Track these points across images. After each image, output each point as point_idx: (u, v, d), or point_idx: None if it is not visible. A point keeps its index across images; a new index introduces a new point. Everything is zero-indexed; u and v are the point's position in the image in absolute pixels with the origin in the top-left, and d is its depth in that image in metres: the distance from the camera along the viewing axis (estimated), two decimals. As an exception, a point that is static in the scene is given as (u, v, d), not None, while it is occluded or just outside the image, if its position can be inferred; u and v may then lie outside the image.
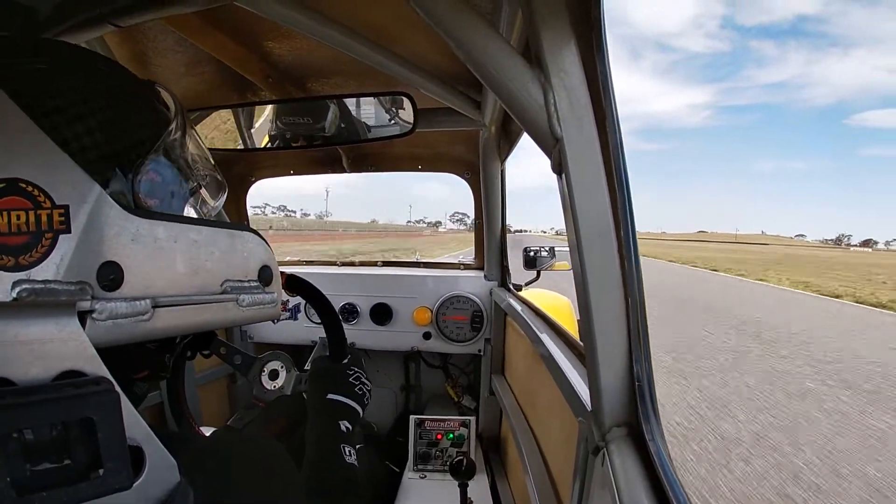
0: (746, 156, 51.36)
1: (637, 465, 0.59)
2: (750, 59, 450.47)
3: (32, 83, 0.41)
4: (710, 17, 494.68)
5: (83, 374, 0.36)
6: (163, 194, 0.49)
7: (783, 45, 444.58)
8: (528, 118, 0.63)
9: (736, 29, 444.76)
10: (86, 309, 0.39)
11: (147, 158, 0.47)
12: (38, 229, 0.37)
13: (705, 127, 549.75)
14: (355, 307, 2.16)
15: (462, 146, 2.02)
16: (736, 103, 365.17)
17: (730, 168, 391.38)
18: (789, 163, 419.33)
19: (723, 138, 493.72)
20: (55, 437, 0.34)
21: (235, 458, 0.53)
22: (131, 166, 0.45)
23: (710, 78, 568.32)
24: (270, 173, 2.25)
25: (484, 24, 0.62)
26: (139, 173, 0.46)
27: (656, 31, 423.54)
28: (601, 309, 0.64)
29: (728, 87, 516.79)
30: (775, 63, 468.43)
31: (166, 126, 0.50)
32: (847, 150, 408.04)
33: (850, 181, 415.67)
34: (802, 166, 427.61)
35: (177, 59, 1.28)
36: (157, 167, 0.48)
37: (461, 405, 2.27)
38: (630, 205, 0.63)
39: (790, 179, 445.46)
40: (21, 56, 0.43)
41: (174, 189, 0.51)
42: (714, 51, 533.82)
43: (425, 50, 1.16)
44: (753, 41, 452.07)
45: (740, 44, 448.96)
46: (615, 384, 0.65)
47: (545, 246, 2.29)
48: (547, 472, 1.20)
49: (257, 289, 0.54)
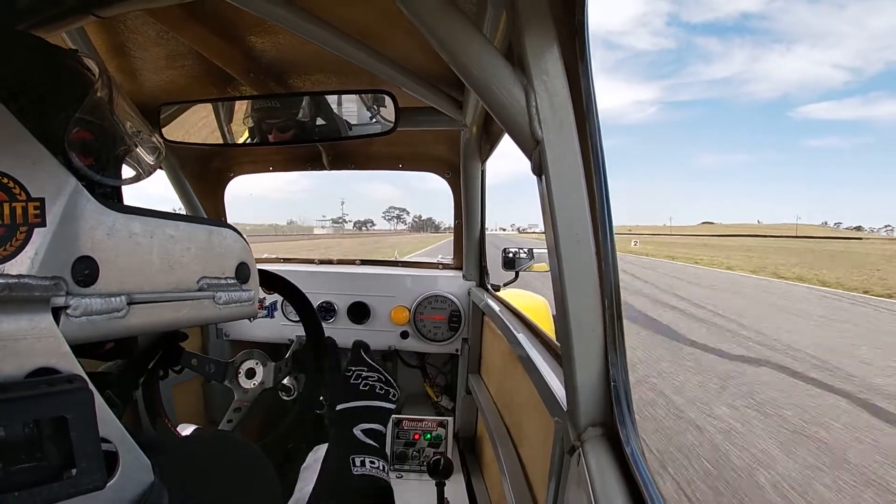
0: (691, 150, 52.06)
1: (612, 465, 0.60)
2: (695, 56, 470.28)
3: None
4: (656, 15, 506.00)
5: (56, 372, 0.35)
6: (97, 152, 0.48)
7: (728, 42, 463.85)
8: (510, 120, 0.63)
9: (681, 26, 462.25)
10: (60, 305, 0.38)
11: (76, 115, 0.46)
12: (13, 222, 0.36)
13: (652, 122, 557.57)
14: (333, 305, 2.14)
15: (443, 146, 2.02)
16: (682, 99, 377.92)
17: (675, 161, 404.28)
18: (733, 156, 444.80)
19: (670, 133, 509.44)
20: (27, 435, 0.34)
21: (210, 459, 0.53)
22: (62, 129, 0.44)
23: (656, 75, 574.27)
24: (249, 169, 2.22)
25: (468, 25, 0.62)
26: (69, 132, 0.45)
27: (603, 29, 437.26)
28: (578, 310, 0.65)
29: (674, 84, 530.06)
30: (720, 59, 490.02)
31: (91, 86, 0.49)
32: (791, 142, 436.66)
33: (797, 172, 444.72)
34: (748, 159, 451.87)
35: (158, 52, 1.26)
36: (87, 126, 0.48)
37: (439, 405, 2.27)
38: (609, 207, 0.64)
39: (734, 171, 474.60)
40: None
41: (108, 147, 0.51)
42: (660, 48, 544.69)
43: (408, 49, 1.15)
44: (699, 38, 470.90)
45: (686, 41, 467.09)
46: (591, 385, 0.66)
47: (523, 247, 2.31)
48: (523, 471, 1.20)
49: (234, 286, 0.54)
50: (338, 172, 2.21)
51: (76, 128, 0.46)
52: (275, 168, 2.22)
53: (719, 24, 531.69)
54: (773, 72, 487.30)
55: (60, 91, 0.46)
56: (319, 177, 34.44)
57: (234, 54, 1.27)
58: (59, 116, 0.45)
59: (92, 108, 0.48)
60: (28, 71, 0.44)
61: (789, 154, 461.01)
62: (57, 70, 0.47)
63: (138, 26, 1.13)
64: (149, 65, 1.33)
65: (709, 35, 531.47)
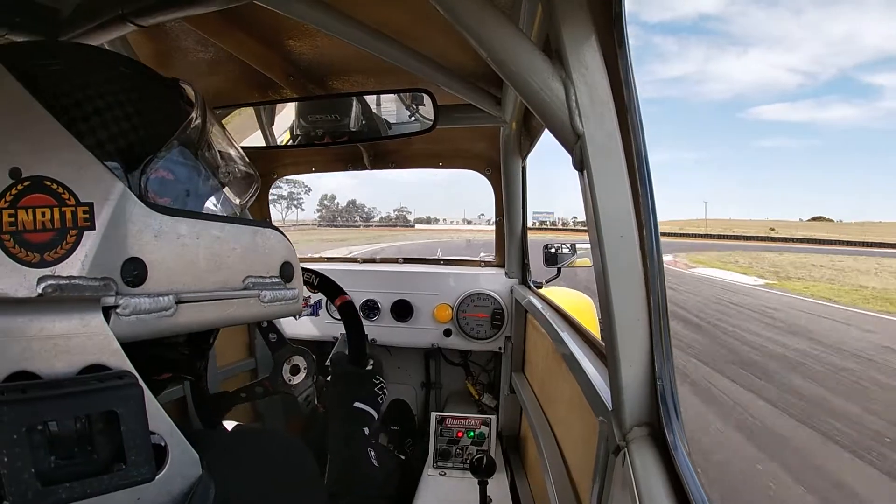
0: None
1: (658, 466, 0.59)
2: (653, 55, 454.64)
3: (50, 83, 0.42)
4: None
5: (107, 368, 0.37)
6: (175, 193, 0.49)
7: (684, 42, 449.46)
8: (549, 114, 0.62)
9: (640, 25, 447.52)
10: (110, 304, 0.39)
11: (157, 156, 0.46)
12: (63, 226, 0.38)
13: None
14: (376, 304, 2.17)
15: (483, 143, 2.01)
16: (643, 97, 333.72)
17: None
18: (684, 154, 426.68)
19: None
20: (79, 429, 0.35)
21: (256, 455, 0.54)
22: (139, 164, 0.44)
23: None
24: (292, 171, 2.28)
25: (504, 19, 0.61)
26: (147, 171, 0.45)
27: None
28: (623, 307, 0.63)
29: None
30: (676, 59, 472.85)
31: (182, 123, 0.49)
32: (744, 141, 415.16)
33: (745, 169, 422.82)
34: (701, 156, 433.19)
35: (198, 58, 1.31)
36: (168, 164, 0.48)
37: (481, 403, 2.26)
38: (653, 201, 0.62)
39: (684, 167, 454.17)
40: (39, 58, 0.44)
41: (189, 188, 0.51)
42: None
43: (445, 47, 1.15)
44: (657, 37, 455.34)
45: (644, 39, 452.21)
46: (636, 383, 0.64)
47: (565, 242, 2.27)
48: (566, 471, 1.19)
49: (279, 285, 0.55)
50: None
51: (157, 166, 0.46)
52: (317, 169, 2.27)
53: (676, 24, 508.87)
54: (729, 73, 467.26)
55: (148, 126, 0.46)
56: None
57: (273, 58, 1.30)
58: (140, 152, 0.45)
59: (181, 146, 0.49)
60: (111, 91, 0.45)
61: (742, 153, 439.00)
62: (148, 99, 0.48)
63: (178, 34, 1.17)
64: (190, 71, 1.37)
65: (666, 34, 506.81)
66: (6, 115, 0.38)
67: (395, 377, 2.44)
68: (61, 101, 0.41)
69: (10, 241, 0.36)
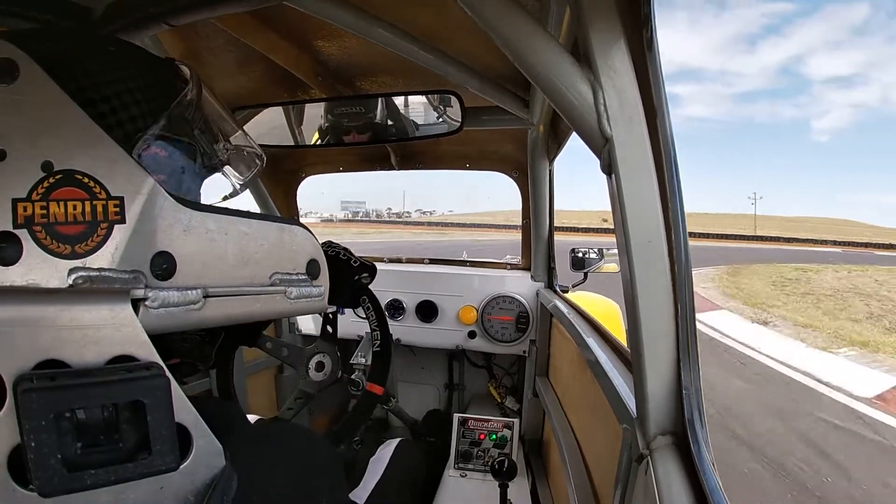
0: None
1: (681, 476, 0.57)
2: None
3: (78, 75, 0.42)
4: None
5: (135, 359, 0.38)
6: (169, 170, 0.49)
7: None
8: (577, 117, 0.62)
9: None
10: (139, 297, 0.40)
11: (146, 133, 0.46)
12: (94, 219, 0.39)
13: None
14: (401, 304, 2.19)
15: (510, 145, 2.00)
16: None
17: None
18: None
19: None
20: (106, 418, 0.37)
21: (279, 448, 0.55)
22: (130, 141, 0.44)
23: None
24: (320, 170, 2.31)
25: (532, 22, 0.61)
26: (137, 147, 0.45)
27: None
28: (649, 313, 0.62)
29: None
30: None
31: (173, 100, 0.49)
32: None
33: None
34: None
35: (228, 58, 1.33)
36: (160, 142, 0.48)
37: (504, 406, 2.25)
38: (682, 207, 0.61)
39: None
40: (66, 49, 0.44)
41: (184, 164, 0.51)
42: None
43: (473, 49, 1.15)
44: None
45: None
46: (661, 391, 0.63)
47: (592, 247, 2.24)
48: (588, 477, 1.17)
49: (305, 282, 0.56)
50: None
51: (148, 143, 0.46)
52: (345, 168, 2.30)
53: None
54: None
55: (142, 103, 0.46)
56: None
57: (302, 58, 1.32)
58: (133, 130, 0.45)
59: (171, 124, 0.49)
60: (113, 74, 0.45)
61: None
62: (141, 79, 0.47)
63: (209, 34, 1.19)
64: (221, 70, 1.40)
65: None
66: (38, 108, 0.38)
67: (419, 377, 2.45)
68: (88, 94, 0.41)
69: (42, 232, 0.37)
